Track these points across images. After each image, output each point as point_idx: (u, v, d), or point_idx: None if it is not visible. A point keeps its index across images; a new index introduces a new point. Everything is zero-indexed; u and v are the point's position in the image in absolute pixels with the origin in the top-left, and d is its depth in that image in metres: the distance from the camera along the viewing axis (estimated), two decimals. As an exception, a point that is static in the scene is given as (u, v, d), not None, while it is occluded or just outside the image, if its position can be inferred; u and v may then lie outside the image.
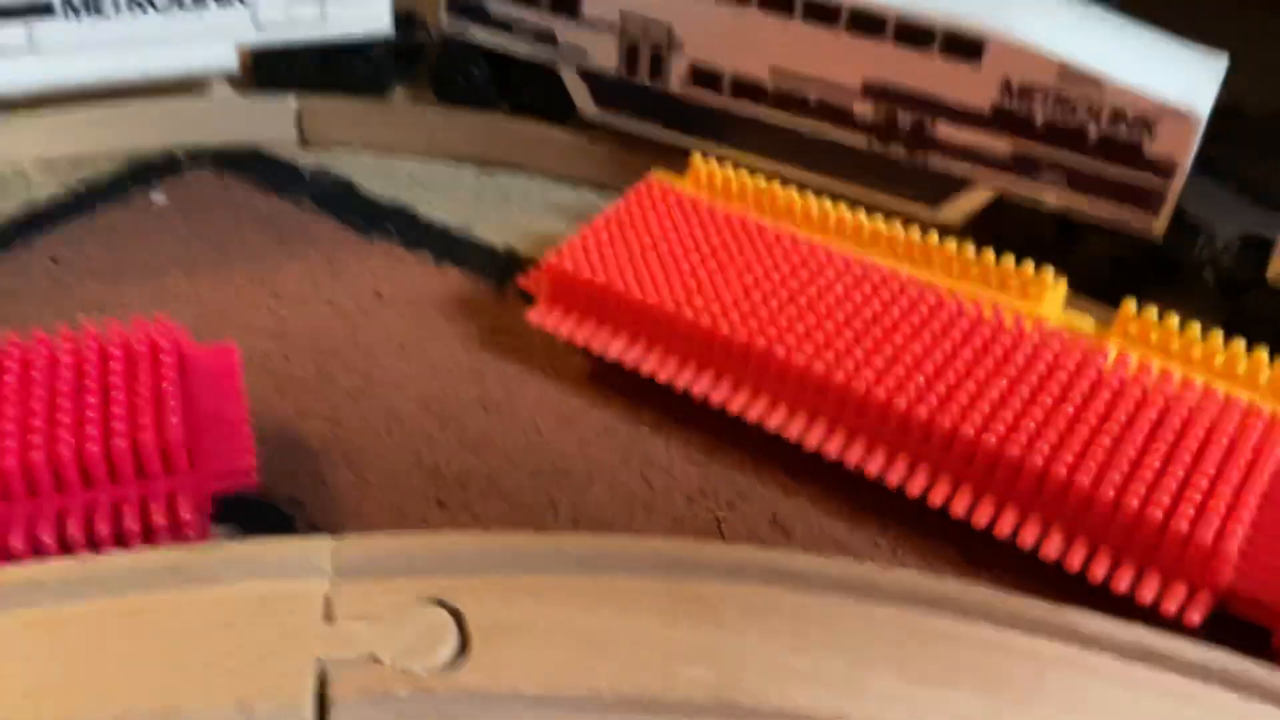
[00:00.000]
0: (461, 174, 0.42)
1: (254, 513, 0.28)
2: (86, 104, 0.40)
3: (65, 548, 0.25)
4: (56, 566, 0.24)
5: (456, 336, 0.35)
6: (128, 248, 0.37)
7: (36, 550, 0.25)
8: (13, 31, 0.37)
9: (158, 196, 0.39)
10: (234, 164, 0.41)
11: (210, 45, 0.40)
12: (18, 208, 0.38)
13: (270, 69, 0.42)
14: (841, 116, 0.37)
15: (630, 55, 0.39)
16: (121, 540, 0.26)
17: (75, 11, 0.37)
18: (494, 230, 0.39)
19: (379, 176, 0.41)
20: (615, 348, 0.32)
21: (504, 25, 0.41)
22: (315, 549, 0.24)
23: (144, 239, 0.37)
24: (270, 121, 0.42)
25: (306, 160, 0.42)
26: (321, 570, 0.24)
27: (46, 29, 0.37)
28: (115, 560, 0.24)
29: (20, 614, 0.23)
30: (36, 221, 0.38)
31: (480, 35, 0.42)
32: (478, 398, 0.33)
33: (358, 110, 0.42)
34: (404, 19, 0.43)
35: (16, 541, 0.25)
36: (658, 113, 0.40)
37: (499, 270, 0.37)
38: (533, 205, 0.41)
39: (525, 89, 0.42)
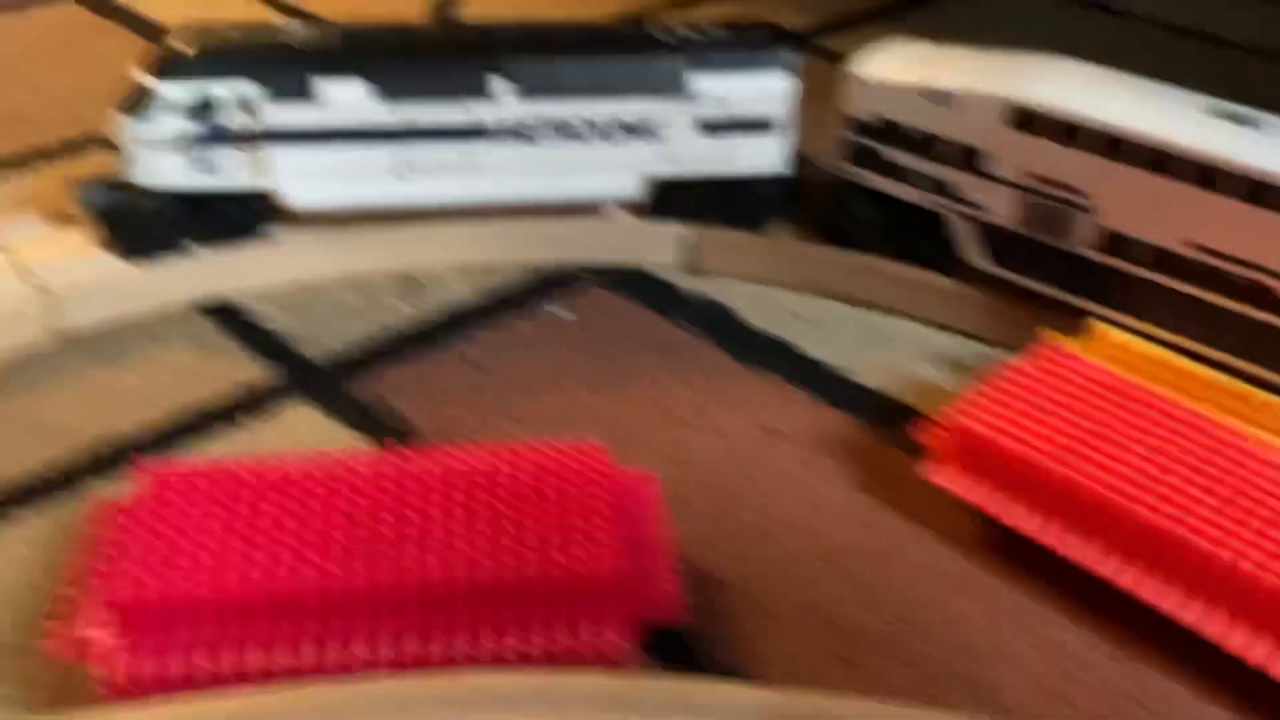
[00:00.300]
0: (841, 312, 0.43)
1: (662, 641, 0.29)
2: (496, 219, 0.44)
3: (496, 659, 0.27)
4: (506, 679, 0.26)
5: (841, 479, 0.35)
6: (537, 358, 0.40)
7: (472, 660, 0.27)
8: (455, 151, 0.41)
9: (562, 312, 0.42)
10: (623, 283, 0.44)
11: (620, 175, 0.43)
12: (438, 311, 0.42)
13: (666, 198, 0.44)
14: (1267, 298, 0.36)
15: (1033, 214, 0.39)
16: (549, 658, 0.27)
17: (509, 137, 0.41)
18: (875, 373, 0.39)
19: (759, 307, 0.43)
20: (1029, 521, 0.31)
21: (898, 171, 0.42)
22: (745, 697, 0.25)
23: (550, 351, 0.40)
24: (657, 245, 0.44)
25: (689, 285, 0.44)
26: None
27: (483, 152, 0.41)
28: (560, 681, 0.26)
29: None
30: (454, 325, 0.41)
31: (872, 179, 0.43)
32: (867, 548, 0.33)
33: (743, 241, 0.44)
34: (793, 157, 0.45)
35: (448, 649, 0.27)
36: (1055, 272, 0.39)
37: (881, 414, 0.37)
38: (914, 351, 0.41)
39: (912, 236, 0.42)
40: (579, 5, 0.65)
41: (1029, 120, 0.38)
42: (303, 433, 0.36)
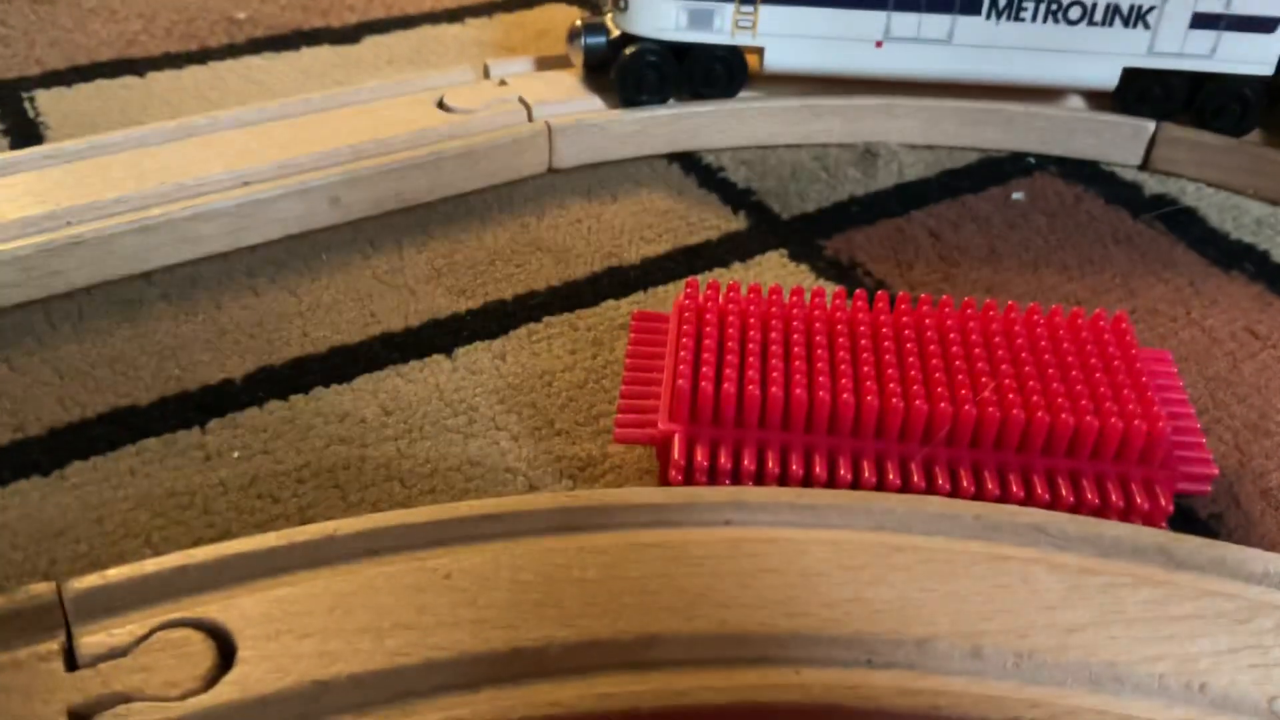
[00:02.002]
0: (1316, 226, 0.41)
1: (1174, 516, 0.29)
2: (952, 99, 0.44)
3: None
4: (1054, 518, 0.26)
5: (1334, 392, 0.34)
6: (1001, 237, 0.40)
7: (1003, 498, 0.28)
8: (939, 24, 0.41)
9: (1018, 195, 0.42)
10: (1079, 176, 0.43)
11: (1099, 63, 0.41)
12: (893, 182, 0.42)
13: (1142, 91, 0.42)
14: None
15: None
16: (1092, 511, 0.28)
17: (999, 14, 0.41)
18: (1362, 290, 0.38)
19: (1224, 213, 0.41)
20: None
21: None
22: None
23: (1013, 232, 0.40)
24: (1119, 142, 0.43)
25: (1150, 185, 0.43)
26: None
27: (967, 26, 0.41)
28: (1108, 528, 0.26)
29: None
30: (911, 197, 0.42)
31: None
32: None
33: (1209, 145, 0.42)
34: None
35: (970, 485, 0.28)
36: None
37: (1372, 333, 0.36)
38: (1404, 272, 0.39)
39: None
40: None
41: None
42: (781, 280, 0.37)
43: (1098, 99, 0.44)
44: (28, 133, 0.42)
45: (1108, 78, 0.42)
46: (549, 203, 0.40)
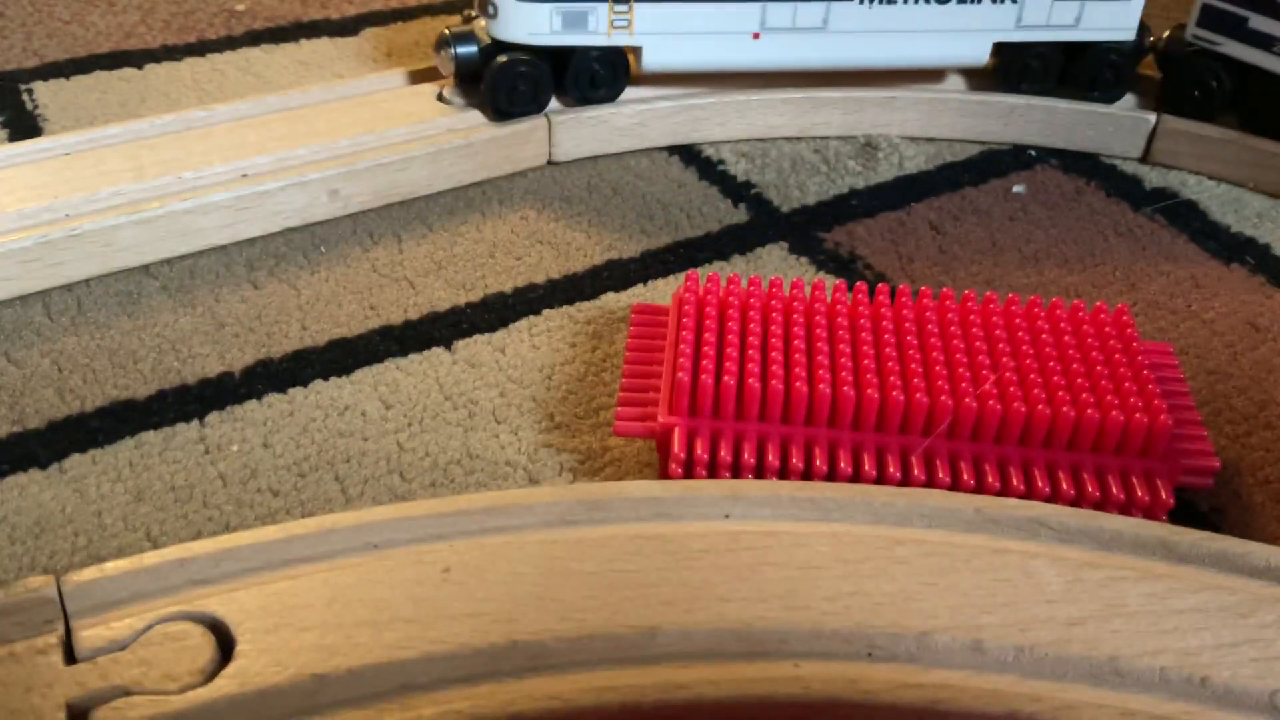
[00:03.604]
0: (1317, 219, 0.41)
1: (1173, 510, 0.29)
2: (950, 93, 0.44)
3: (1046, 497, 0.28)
4: (1055, 510, 0.26)
5: (1334, 384, 0.34)
6: (1002, 230, 0.40)
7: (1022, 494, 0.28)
8: (814, 11, 0.41)
9: (1018, 187, 0.42)
10: (1079, 168, 0.43)
11: (971, 40, 0.42)
12: (893, 174, 0.42)
13: (1012, 64, 0.43)
14: None
15: None
16: (1093, 503, 0.28)
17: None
18: (1363, 284, 0.38)
19: (1225, 206, 0.41)
20: None
21: (1262, 40, 0.40)
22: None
23: (1014, 225, 0.40)
24: (1119, 135, 0.43)
25: (1151, 178, 0.43)
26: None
27: (842, 12, 0.41)
28: (1108, 521, 0.26)
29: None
30: (911, 190, 0.42)
31: (1231, 48, 0.41)
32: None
33: (1209, 138, 0.42)
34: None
35: (971, 479, 0.28)
36: None
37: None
38: (1406, 266, 0.39)
39: (1267, 107, 0.41)
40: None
41: None
42: (781, 273, 0.37)
43: (988, 75, 0.44)
44: (26, 125, 0.42)
45: (980, 54, 0.42)
46: (549, 195, 0.40)
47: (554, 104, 0.41)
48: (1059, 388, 0.28)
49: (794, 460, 0.28)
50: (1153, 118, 0.43)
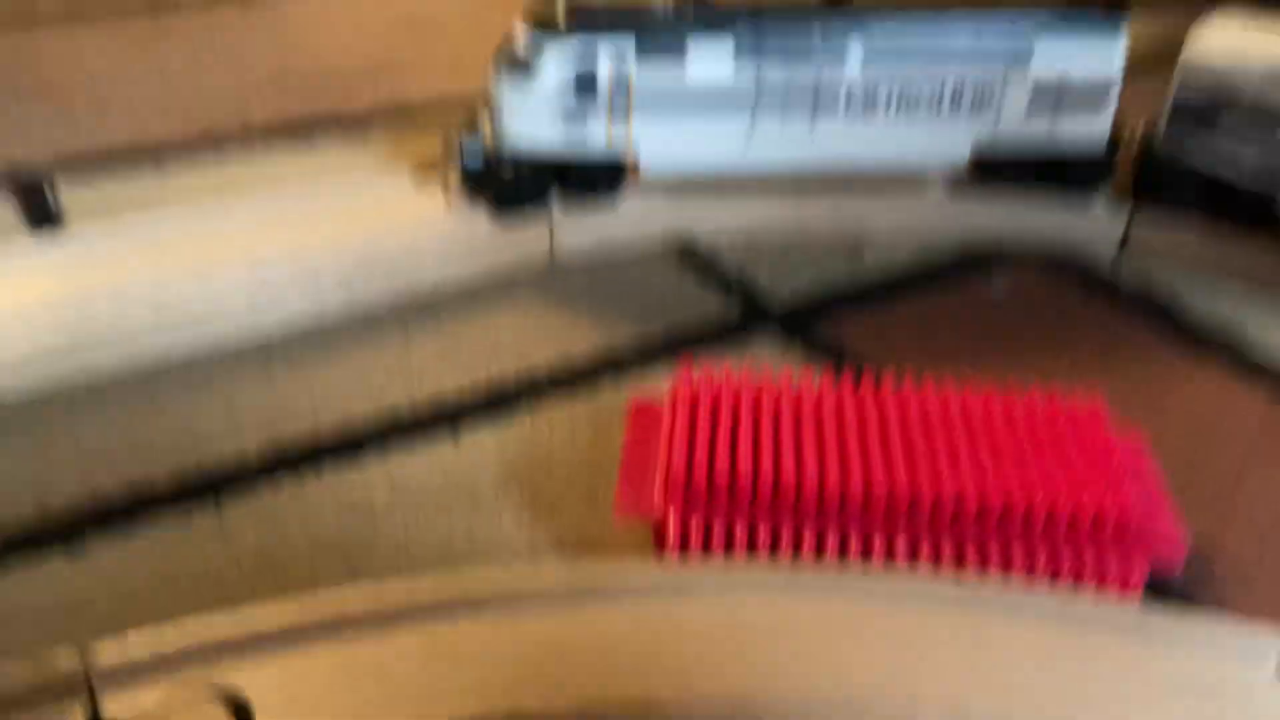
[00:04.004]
0: (1282, 309, 0.43)
1: (1148, 590, 0.30)
2: (934, 193, 0.46)
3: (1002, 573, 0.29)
4: (1020, 593, 0.28)
5: (1300, 473, 0.35)
6: (977, 323, 0.41)
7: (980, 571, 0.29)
8: (800, 120, 0.43)
9: (995, 284, 0.44)
10: (1057, 264, 0.45)
11: (951, 145, 0.44)
12: (880, 269, 0.44)
13: (993, 169, 0.45)
14: None
15: None
16: (1054, 584, 0.29)
17: (854, 107, 0.43)
18: (1328, 373, 0.39)
19: (1201, 297, 0.43)
20: None
21: (1228, 146, 0.42)
22: (1260, 643, 0.26)
23: (989, 318, 0.42)
24: (1096, 231, 0.45)
25: (1125, 273, 0.45)
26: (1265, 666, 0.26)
27: (827, 120, 0.43)
28: (1075, 602, 0.28)
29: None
30: (897, 285, 0.44)
31: (1199, 152, 0.43)
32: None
33: (1183, 234, 0.44)
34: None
35: (951, 560, 0.29)
36: None
37: (1338, 414, 0.38)
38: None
39: (1232, 209, 0.43)
40: None
41: None
42: (772, 363, 0.39)
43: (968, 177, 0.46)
44: (48, 222, 0.44)
45: (960, 155, 0.45)
46: (550, 290, 0.42)
47: (555, 204, 0.44)
48: (1034, 474, 0.29)
49: (784, 544, 0.29)
50: (1126, 217, 0.45)
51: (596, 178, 0.43)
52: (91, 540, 0.31)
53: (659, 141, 0.43)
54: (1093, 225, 0.45)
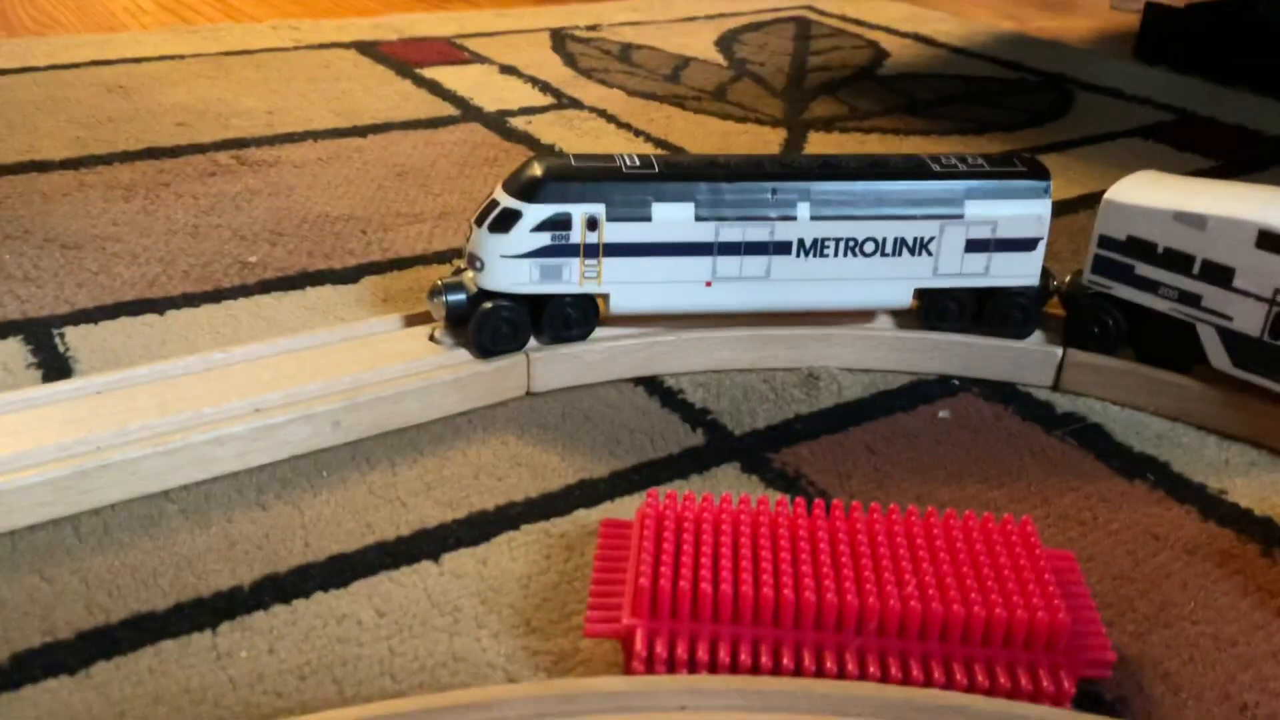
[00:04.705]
0: (1205, 440, 0.46)
1: (1082, 699, 0.33)
2: (882, 331, 0.50)
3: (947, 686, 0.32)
4: (966, 698, 0.30)
5: (1238, 591, 0.38)
6: (929, 451, 0.45)
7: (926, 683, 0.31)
8: (758, 264, 0.47)
9: (943, 413, 0.47)
10: (998, 396, 0.49)
11: (895, 286, 0.48)
12: (832, 402, 0.48)
13: (936, 307, 0.49)
14: None
15: (1277, 323, 0.44)
16: (992, 692, 0.31)
17: (807, 252, 0.47)
18: (1247, 495, 0.42)
19: (1128, 429, 0.46)
20: None
21: (1148, 285, 0.47)
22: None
23: (939, 446, 0.45)
24: (1031, 366, 0.49)
25: (1061, 403, 0.48)
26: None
27: (782, 263, 0.47)
28: (1015, 709, 0.30)
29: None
30: (850, 416, 0.47)
31: (1123, 291, 0.48)
32: (1272, 653, 0.35)
33: (1111, 369, 0.48)
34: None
35: (898, 671, 0.32)
36: None
37: (1261, 535, 0.40)
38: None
39: (1156, 342, 0.48)
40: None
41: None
42: (734, 490, 0.41)
43: (910, 316, 0.51)
44: (59, 366, 0.47)
45: (903, 298, 0.49)
46: (527, 423, 0.45)
47: (531, 342, 0.47)
48: (972, 590, 0.32)
49: (743, 656, 0.31)
50: (1060, 351, 0.49)
51: (569, 315, 0.47)
52: (95, 664, 0.33)
53: (627, 283, 0.46)
54: (1030, 359, 0.49)
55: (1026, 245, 0.48)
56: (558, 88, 0.87)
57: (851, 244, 0.47)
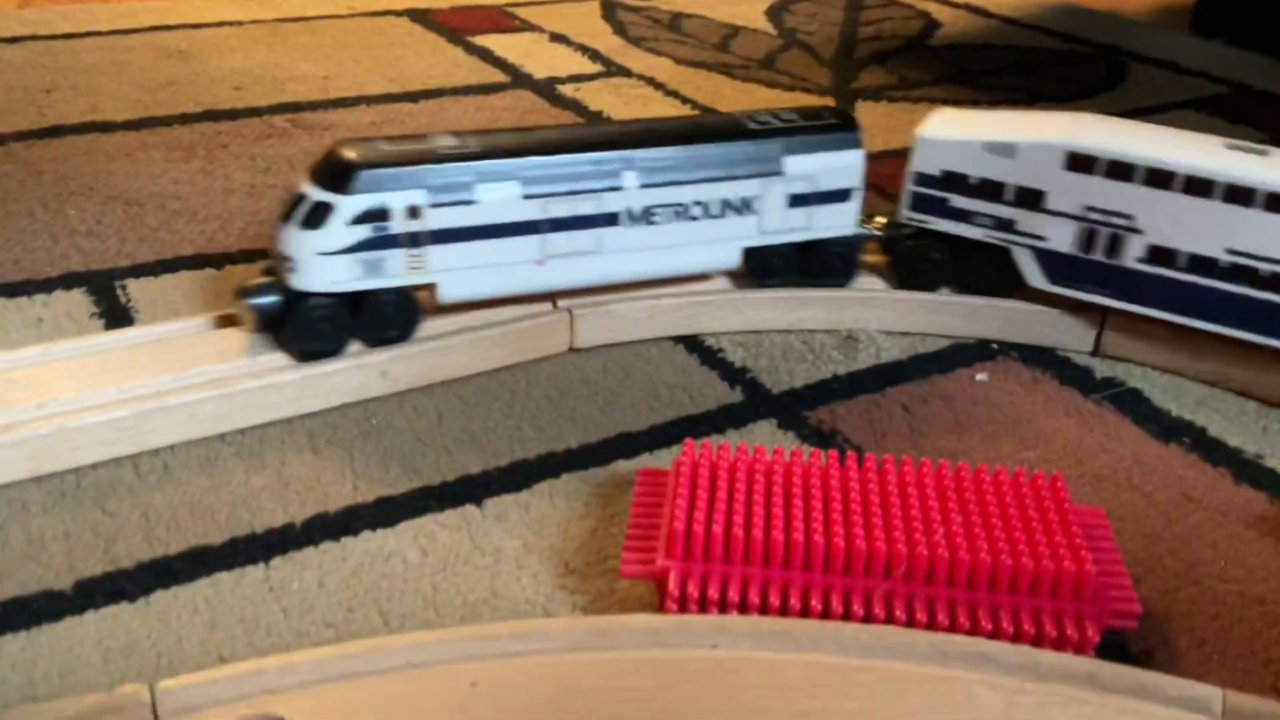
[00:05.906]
0: (1245, 405, 0.46)
1: (1108, 650, 0.33)
2: (921, 295, 0.50)
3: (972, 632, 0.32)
4: (993, 645, 0.31)
5: (1269, 551, 0.38)
6: (965, 412, 0.45)
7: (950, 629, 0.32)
8: (588, 237, 0.46)
9: (981, 375, 0.47)
10: (1037, 360, 0.49)
11: (724, 248, 0.48)
12: (870, 363, 0.48)
13: (763, 265, 0.49)
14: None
15: (1088, 239, 0.46)
16: (1016, 639, 0.32)
17: (635, 221, 0.46)
18: (1285, 460, 0.43)
19: (1167, 393, 0.47)
20: None
21: (963, 216, 0.49)
22: (1203, 692, 0.29)
23: (976, 408, 0.45)
24: (1072, 330, 0.49)
25: (1100, 368, 0.48)
26: (1211, 712, 0.28)
27: (612, 235, 0.46)
28: (1041, 656, 0.31)
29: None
30: (887, 377, 0.47)
31: (940, 224, 0.49)
32: (1293, 607, 0.36)
33: (1153, 333, 0.48)
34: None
35: (924, 617, 0.32)
36: (1108, 285, 0.47)
37: (1295, 496, 0.41)
38: (1325, 446, 0.44)
39: (975, 269, 0.49)
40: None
41: (1087, 163, 0.46)
42: (769, 445, 0.42)
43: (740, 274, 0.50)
44: (121, 315, 0.49)
45: (732, 259, 0.49)
46: (569, 378, 0.46)
47: (574, 299, 0.48)
48: (999, 540, 0.33)
49: (773, 599, 0.32)
50: (1099, 315, 0.49)
51: (388, 312, 0.44)
52: (154, 592, 0.34)
53: (455, 269, 0.44)
54: (1070, 324, 0.49)
55: (843, 196, 0.49)
56: (607, 56, 0.88)
57: (679, 209, 0.47)
